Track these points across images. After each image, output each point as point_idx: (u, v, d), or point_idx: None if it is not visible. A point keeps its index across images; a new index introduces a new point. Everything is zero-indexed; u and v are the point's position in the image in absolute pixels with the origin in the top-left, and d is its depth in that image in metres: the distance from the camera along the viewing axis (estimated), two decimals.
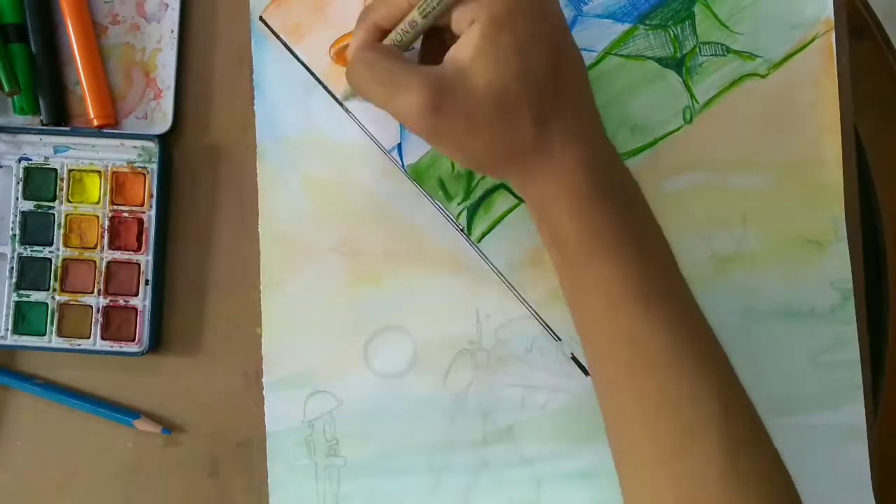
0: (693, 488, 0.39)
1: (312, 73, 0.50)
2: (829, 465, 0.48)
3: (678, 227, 0.49)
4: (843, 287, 0.49)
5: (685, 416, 0.39)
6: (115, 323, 0.49)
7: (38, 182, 0.50)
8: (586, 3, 0.49)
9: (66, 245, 0.49)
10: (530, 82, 0.40)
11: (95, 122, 0.49)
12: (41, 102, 0.49)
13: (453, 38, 0.41)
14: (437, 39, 0.43)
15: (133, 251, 0.49)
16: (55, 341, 0.49)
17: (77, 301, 0.49)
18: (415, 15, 0.41)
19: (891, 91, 0.51)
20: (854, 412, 0.49)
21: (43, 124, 0.49)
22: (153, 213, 0.49)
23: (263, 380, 0.49)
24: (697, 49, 0.49)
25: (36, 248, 0.49)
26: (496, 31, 0.39)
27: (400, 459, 0.49)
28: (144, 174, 0.49)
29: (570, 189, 0.41)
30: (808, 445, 0.49)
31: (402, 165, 0.50)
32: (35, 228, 0.50)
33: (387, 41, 0.43)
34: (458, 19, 0.40)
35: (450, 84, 0.39)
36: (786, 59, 0.49)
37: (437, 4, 0.40)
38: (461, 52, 0.40)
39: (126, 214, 0.49)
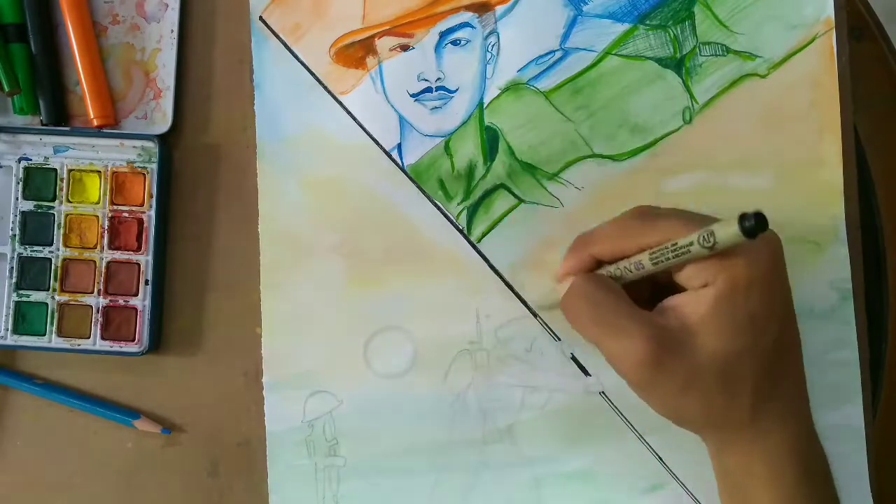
0: None
1: (312, 73, 0.50)
2: None
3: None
4: (842, 287, 0.49)
5: None
6: (115, 323, 0.49)
7: (38, 182, 0.50)
8: (586, 3, 0.49)
9: (65, 245, 0.49)
10: (757, 356, 0.39)
11: (95, 122, 0.49)
12: (41, 102, 0.49)
13: (672, 283, 0.40)
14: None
15: (133, 251, 0.49)
16: (55, 341, 0.49)
17: (77, 301, 0.49)
18: (644, 259, 0.39)
19: (891, 91, 0.51)
20: (854, 412, 0.49)
21: (43, 124, 0.49)
22: (153, 213, 0.49)
23: (263, 380, 0.49)
24: (697, 49, 0.49)
25: (36, 248, 0.49)
26: (732, 299, 0.38)
27: (400, 459, 0.49)
28: (144, 174, 0.49)
29: (775, 469, 0.40)
30: None
31: (402, 165, 0.50)
32: (35, 228, 0.50)
33: (603, 271, 0.42)
34: (691, 276, 0.39)
35: (673, 341, 0.38)
36: (786, 59, 0.49)
37: (673, 258, 0.38)
38: (689, 309, 0.39)
39: (126, 214, 0.49)
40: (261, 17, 0.50)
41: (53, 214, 0.49)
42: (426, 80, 0.49)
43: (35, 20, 0.49)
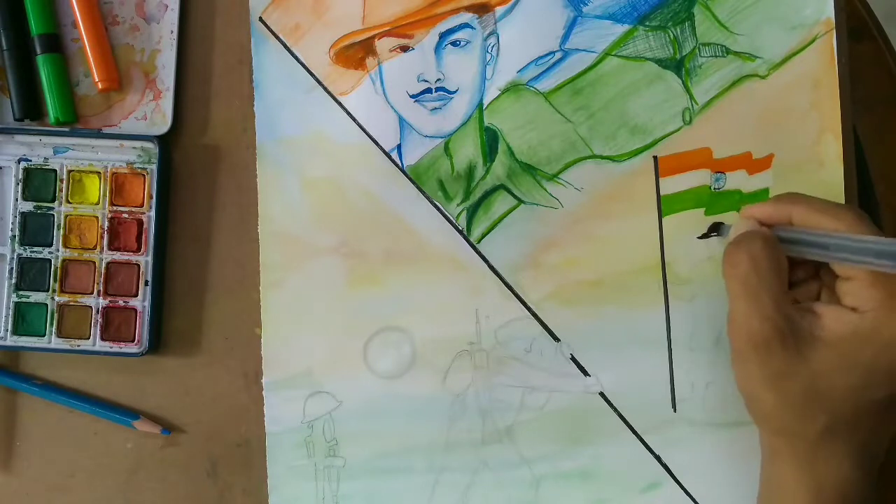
0: None
1: (312, 74, 0.50)
2: None
3: (678, 227, 0.49)
4: None
5: None
6: (115, 324, 0.49)
7: (38, 183, 0.50)
8: (586, 4, 0.49)
9: (65, 246, 0.49)
10: (856, 399, 0.39)
11: (100, 86, 0.49)
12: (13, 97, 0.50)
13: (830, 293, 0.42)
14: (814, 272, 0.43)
15: (132, 252, 0.49)
16: (55, 342, 0.49)
17: (76, 302, 0.49)
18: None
19: (890, 91, 0.51)
20: None
21: (15, 119, 0.50)
22: (153, 213, 0.49)
23: (263, 380, 0.49)
24: (697, 50, 0.49)
25: (35, 248, 0.49)
26: (869, 341, 0.39)
27: (399, 460, 0.49)
28: (144, 175, 0.49)
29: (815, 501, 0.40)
30: None
31: (402, 166, 0.50)
32: (35, 229, 0.50)
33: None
34: (850, 291, 0.40)
35: (791, 340, 0.39)
36: (786, 59, 0.49)
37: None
38: (827, 322, 0.40)
39: (126, 215, 0.49)
40: (260, 18, 0.50)
41: (53, 215, 0.49)
42: (426, 81, 0.49)
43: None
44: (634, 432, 0.49)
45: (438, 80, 0.49)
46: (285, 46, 0.50)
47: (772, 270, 0.41)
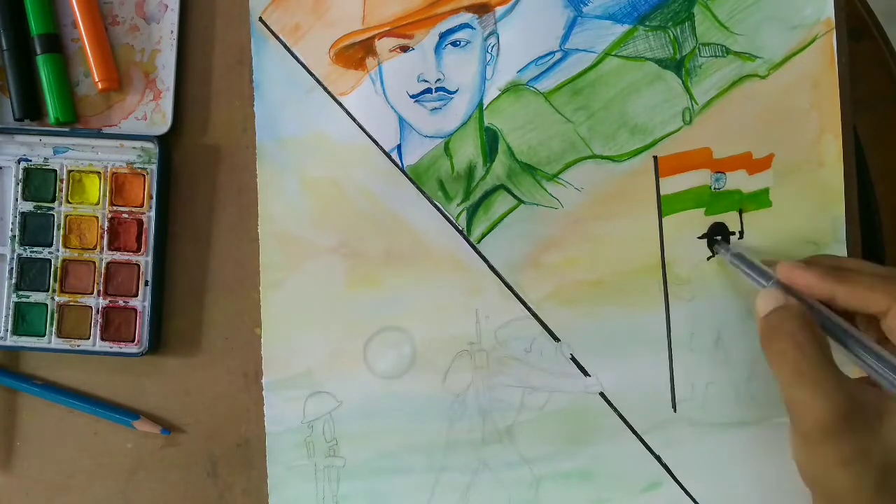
0: None
1: (312, 74, 0.50)
2: None
3: (678, 227, 0.49)
4: None
5: None
6: (115, 324, 0.49)
7: (38, 183, 0.50)
8: (586, 4, 0.49)
9: (65, 246, 0.49)
10: None
11: (100, 86, 0.49)
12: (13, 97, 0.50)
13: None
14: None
15: (133, 252, 0.49)
16: (55, 342, 0.49)
17: (76, 302, 0.49)
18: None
19: (890, 91, 0.51)
20: None
21: (15, 119, 0.50)
22: (153, 213, 0.49)
23: (263, 380, 0.49)
24: (697, 50, 0.49)
25: (35, 248, 0.49)
26: None
27: (399, 460, 0.49)
28: (144, 175, 0.49)
29: None
30: None
31: (402, 166, 0.49)
32: (34, 229, 0.50)
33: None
34: None
35: (859, 418, 0.38)
36: (786, 59, 0.49)
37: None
38: None
39: (126, 215, 0.49)
40: (260, 18, 0.50)
41: (53, 215, 0.49)
42: (426, 81, 0.49)
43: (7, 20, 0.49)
44: (634, 432, 0.49)
45: (438, 80, 0.49)
46: (285, 46, 0.50)
47: (819, 350, 0.39)
